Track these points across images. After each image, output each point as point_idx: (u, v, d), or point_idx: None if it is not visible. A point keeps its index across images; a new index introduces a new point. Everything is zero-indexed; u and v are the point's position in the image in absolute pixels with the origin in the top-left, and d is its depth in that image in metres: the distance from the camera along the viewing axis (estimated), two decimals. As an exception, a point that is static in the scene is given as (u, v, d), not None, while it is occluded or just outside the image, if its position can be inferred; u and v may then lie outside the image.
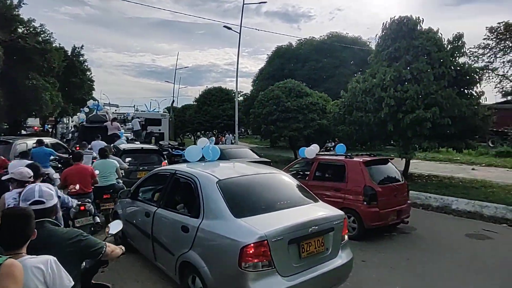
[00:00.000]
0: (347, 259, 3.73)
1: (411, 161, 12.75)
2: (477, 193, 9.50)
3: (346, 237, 3.87)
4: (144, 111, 26.67)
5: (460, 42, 11.36)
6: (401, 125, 10.74)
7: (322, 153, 8.02)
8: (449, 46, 11.45)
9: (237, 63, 20.65)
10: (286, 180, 4.37)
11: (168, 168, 5.01)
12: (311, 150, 7.63)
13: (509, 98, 26.14)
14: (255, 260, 3.04)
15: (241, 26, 19.84)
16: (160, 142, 17.60)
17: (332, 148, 14.81)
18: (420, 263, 5.20)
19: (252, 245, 3.02)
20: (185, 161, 4.88)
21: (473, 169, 14.40)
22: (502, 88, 26.62)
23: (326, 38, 32.38)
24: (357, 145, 14.00)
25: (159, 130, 22.16)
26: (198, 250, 3.47)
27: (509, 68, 25.67)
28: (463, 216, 8.22)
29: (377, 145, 13.89)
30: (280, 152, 23.15)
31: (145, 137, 17.20)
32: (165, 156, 10.14)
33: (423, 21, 11.66)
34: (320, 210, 3.81)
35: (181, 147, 16.32)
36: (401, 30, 11.56)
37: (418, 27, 11.68)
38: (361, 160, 6.63)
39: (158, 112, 28.48)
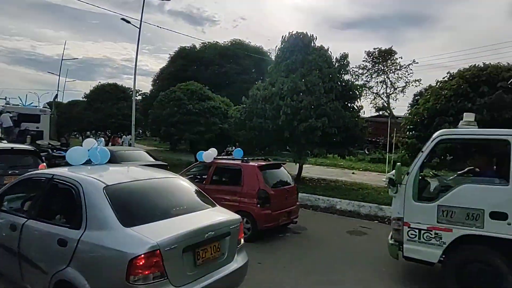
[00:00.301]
0: (242, 263, 3.77)
1: (304, 165, 13.87)
2: (356, 194, 10.87)
3: (242, 240, 3.93)
4: (19, 104, 22.64)
5: (345, 61, 12.95)
6: (296, 132, 11.60)
7: (220, 157, 8.09)
8: (337, 64, 12.92)
9: (136, 60, 19.39)
10: (182, 185, 4.21)
11: (45, 172, 4.30)
12: (209, 154, 7.64)
13: (381, 112, 31.09)
14: (146, 272, 2.81)
15: (141, 21, 18.72)
16: (38, 142, 15.19)
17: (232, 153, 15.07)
18: (309, 261, 5.64)
19: (142, 256, 2.79)
20: (68, 164, 4.26)
21: (353, 173, 16.52)
22: (376, 104, 31.67)
23: (230, 44, 33.12)
24: (256, 150, 14.56)
25: (37, 127, 19.10)
26: (78, 266, 3.05)
27: (381, 87, 30.61)
28: (345, 215, 9.29)
29: (275, 150, 14.71)
30: (180, 155, 22.56)
31: (18, 136, 14.68)
32: (43, 158, 8.77)
33: (316, 38, 12.92)
34: (217, 215, 3.79)
35: (64, 148, 14.38)
36: (298, 45, 12.56)
37: (312, 44, 12.86)
38: (256, 164, 6.93)
39: (36, 107, 24.55)
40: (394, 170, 4.62)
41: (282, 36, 13.15)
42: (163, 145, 30.74)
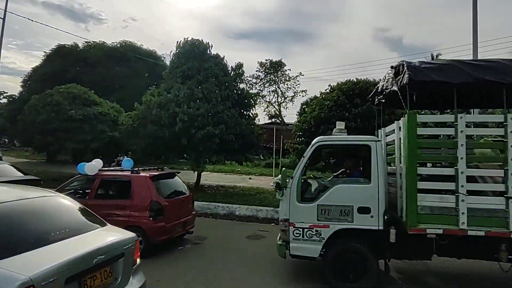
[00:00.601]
0: (138, 285, 3.38)
1: (202, 173, 13.63)
2: (254, 199, 11.17)
3: (138, 260, 3.52)
4: None
5: (240, 70, 13.32)
6: (194, 140, 11.34)
7: (106, 168, 7.27)
8: (233, 73, 13.18)
9: (-1, 56, 16.05)
10: (63, 204, 3.54)
11: None
12: (92, 166, 6.78)
13: (273, 120, 33.22)
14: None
15: (5, 11, 15.70)
16: None
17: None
18: (212, 272, 5.43)
19: (10, 296, 2.17)
20: None
21: (250, 178, 17.04)
22: (269, 112, 33.73)
23: (119, 45, 30.73)
24: (151, 158, 13.69)
25: None
26: None
27: (273, 96, 32.78)
28: (245, 220, 9.43)
29: (171, 159, 14.08)
30: (61, 167, 19.56)
31: None
32: None
33: (212, 46, 12.94)
34: (107, 236, 3.31)
35: None
36: (194, 51, 12.36)
37: (208, 51, 12.83)
38: (148, 175, 6.47)
39: None
40: (280, 175, 4.92)
41: (177, 41, 12.84)
42: (38, 157, 26.26)
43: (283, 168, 5.05)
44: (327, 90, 13.18)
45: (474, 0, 9.41)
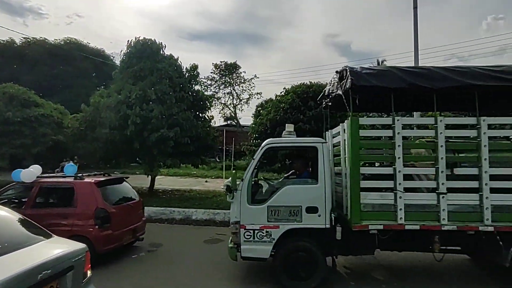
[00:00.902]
0: (90, 298, 3.30)
1: (156, 177, 13.37)
2: (211, 202, 11.20)
3: (89, 273, 3.43)
4: None
5: (195, 72, 13.29)
6: (147, 143, 11.12)
7: (46, 175, 6.94)
8: (187, 74, 13.11)
9: None
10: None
11: None
12: (30, 172, 6.44)
13: (229, 122, 33.34)
14: None
15: None
16: None
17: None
18: (168, 280, 5.37)
19: None
20: None
21: (206, 181, 17.01)
22: (224, 114, 33.82)
23: (63, 43, 29.01)
24: (101, 163, 13.17)
25: None
26: None
27: (228, 98, 32.96)
28: (202, 224, 9.40)
29: (123, 163, 13.65)
30: (-5, 175, 18.05)
31: None
32: None
33: (165, 47, 12.79)
34: (53, 248, 3.18)
35: None
36: (146, 51, 12.13)
37: (161, 52, 12.65)
38: (93, 181, 6.27)
39: None
40: (230, 178, 5.05)
41: (128, 40, 12.56)
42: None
43: (233, 171, 5.15)
44: (282, 93, 13.59)
45: (415, 11, 10.33)
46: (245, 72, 32.50)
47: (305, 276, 4.76)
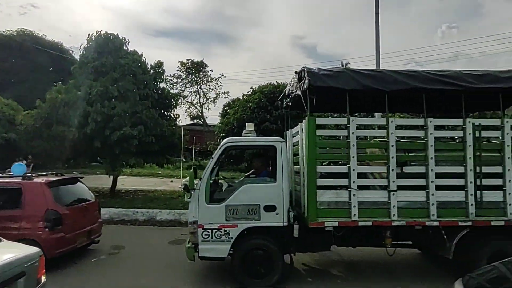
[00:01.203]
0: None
1: (118, 177, 13.13)
2: (176, 202, 11.14)
3: (43, 278, 3.38)
4: None
5: (160, 69, 13.13)
6: (109, 142, 10.88)
7: None
8: (152, 71, 12.93)
9: None
10: None
11: None
12: None
13: (195, 121, 33.13)
14: None
15: None
16: None
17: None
18: (130, 282, 5.34)
19: None
20: None
21: (171, 181, 16.84)
22: (190, 113, 33.57)
23: (15, 34, 27.56)
24: (58, 163, 12.75)
25: None
26: None
27: (195, 97, 32.74)
28: (166, 225, 9.35)
29: (82, 162, 13.28)
30: None
31: None
32: None
33: (129, 42, 12.52)
34: (3, 253, 3.12)
35: None
36: (108, 46, 11.83)
37: (125, 47, 12.39)
38: (43, 181, 6.10)
39: None
40: (188, 177, 5.11)
41: (89, 34, 12.16)
42: None
43: (190, 170, 5.23)
44: (250, 93, 13.83)
45: (377, 16, 10.88)
46: (212, 71, 32.49)
47: (263, 273, 4.90)
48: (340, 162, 5.16)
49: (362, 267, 5.96)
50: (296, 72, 5.40)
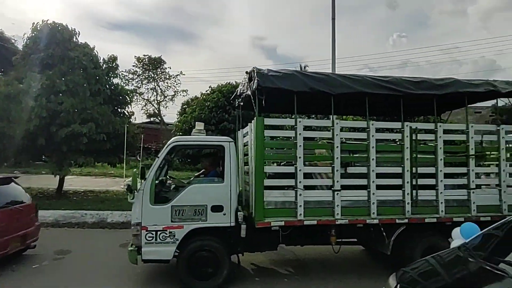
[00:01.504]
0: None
1: (66, 177, 12.59)
2: (129, 204, 10.78)
3: None
4: None
5: (114, 64, 12.74)
6: (55, 139, 10.42)
7: None
8: (105, 66, 12.51)
9: None
10: None
11: None
12: None
13: (152, 119, 32.36)
14: None
15: None
16: None
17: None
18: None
19: None
20: None
21: (125, 181, 16.38)
22: (147, 110, 32.78)
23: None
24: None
25: None
26: None
27: (152, 94, 31.98)
28: (118, 227, 9.06)
29: (25, 161, 12.57)
30: None
31: None
32: None
33: (79, 34, 12.02)
34: None
35: None
36: (55, 37, 11.28)
37: (75, 39, 11.90)
38: None
39: None
40: (131, 177, 5.02)
41: (34, 23, 11.51)
42: None
43: (134, 170, 5.15)
44: (208, 91, 13.84)
45: (333, 22, 11.36)
46: (170, 68, 31.68)
47: (209, 274, 4.92)
48: (283, 163, 5.33)
49: (309, 265, 6.17)
50: (246, 73, 5.51)
